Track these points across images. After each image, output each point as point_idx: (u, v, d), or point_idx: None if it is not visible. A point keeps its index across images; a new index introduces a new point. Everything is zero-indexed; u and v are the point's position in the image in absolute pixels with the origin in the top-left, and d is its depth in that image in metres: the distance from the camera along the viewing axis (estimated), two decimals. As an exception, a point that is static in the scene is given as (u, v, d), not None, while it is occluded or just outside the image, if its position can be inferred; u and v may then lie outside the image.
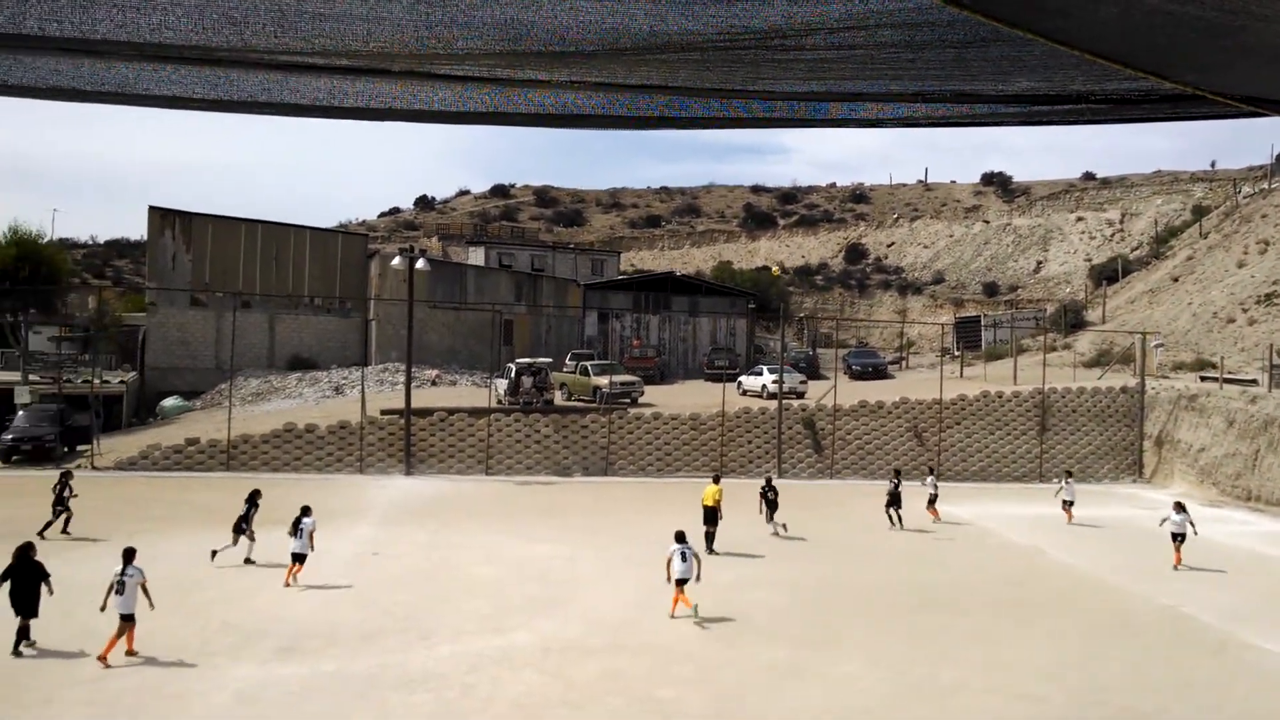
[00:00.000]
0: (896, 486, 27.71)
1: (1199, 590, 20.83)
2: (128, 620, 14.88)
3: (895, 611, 18.86)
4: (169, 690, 13.54)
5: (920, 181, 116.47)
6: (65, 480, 23.97)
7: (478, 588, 19.64)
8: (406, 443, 35.46)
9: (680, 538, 17.94)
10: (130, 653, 14.97)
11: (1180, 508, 23.51)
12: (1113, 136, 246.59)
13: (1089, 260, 75.45)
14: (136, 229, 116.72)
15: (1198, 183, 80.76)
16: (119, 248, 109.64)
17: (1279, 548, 25.39)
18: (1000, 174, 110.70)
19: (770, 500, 26.43)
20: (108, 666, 14.35)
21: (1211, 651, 16.87)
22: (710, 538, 23.35)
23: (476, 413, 37.08)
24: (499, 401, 38.76)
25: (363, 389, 38.85)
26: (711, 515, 23.57)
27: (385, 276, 50.22)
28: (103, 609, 14.90)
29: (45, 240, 50.04)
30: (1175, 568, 22.78)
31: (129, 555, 15.47)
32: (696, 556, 17.92)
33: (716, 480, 24.86)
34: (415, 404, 36.34)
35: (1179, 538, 23.04)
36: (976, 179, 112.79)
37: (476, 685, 14.15)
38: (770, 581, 20.90)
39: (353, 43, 4.32)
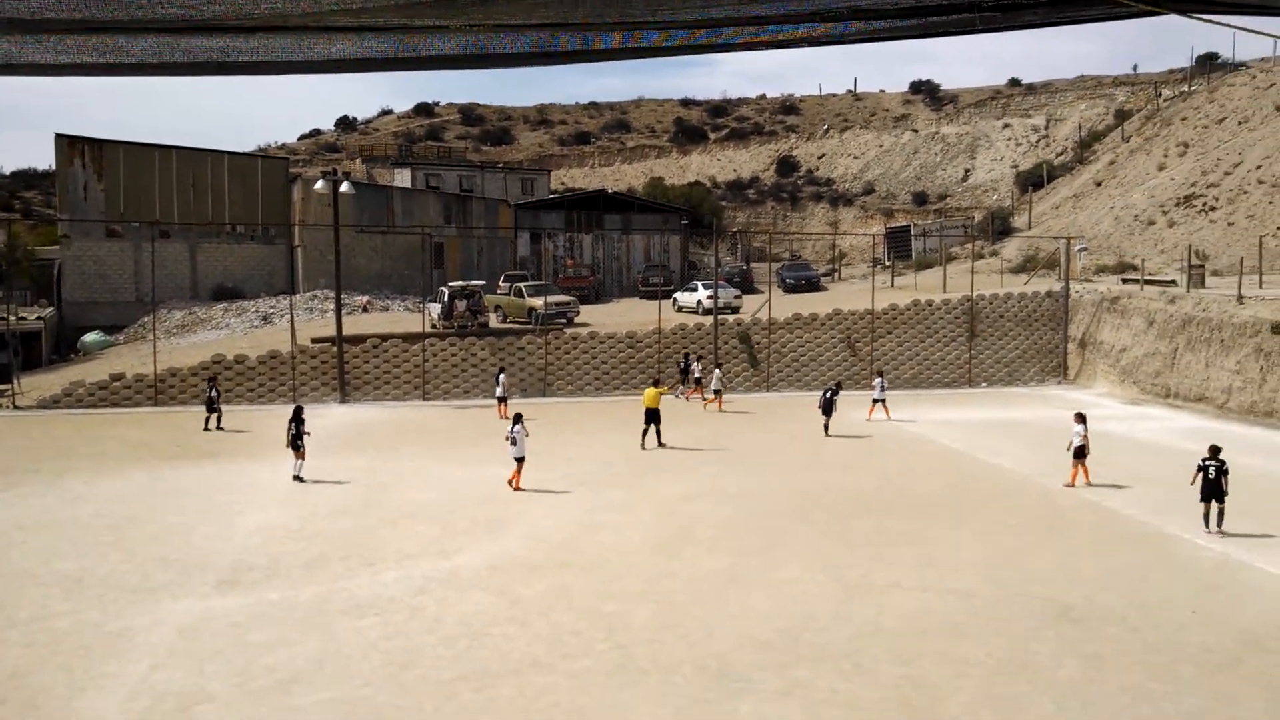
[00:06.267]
0: (832, 396, 28.48)
1: (1119, 485, 21.66)
2: (520, 461, 21.11)
3: (832, 517, 19.34)
4: (110, 628, 13.40)
5: (849, 91, 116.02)
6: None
7: (421, 512, 19.65)
8: (340, 371, 35.00)
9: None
10: (518, 489, 20.97)
11: (1081, 419, 21.76)
12: (1037, 42, 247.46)
13: (1015, 167, 76.36)
14: (43, 158, 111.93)
15: (1120, 86, 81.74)
16: (26, 178, 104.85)
17: (1195, 442, 26.38)
18: (928, 82, 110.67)
19: (829, 402, 28.20)
20: (517, 490, 20.95)
21: (1133, 542, 17.62)
22: (658, 434, 26.21)
23: (410, 338, 36.67)
24: (433, 326, 38.34)
25: (291, 318, 38.14)
26: (652, 415, 26.20)
27: (309, 201, 48.92)
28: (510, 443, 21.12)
29: (-55, 173, 47.65)
30: (1070, 485, 21.46)
31: (518, 418, 21.54)
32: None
33: (656, 384, 28.39)
34: (347, 331, 35.80)
35: (1081, 453, 21.51)
36: (905, 88, 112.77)
37: (424, 607, 14.25)
38: (712, 493, 21.25)
39: (244, 4, 4.17)
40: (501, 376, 32.67)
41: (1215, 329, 32.57)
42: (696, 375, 34.96)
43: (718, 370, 33.90)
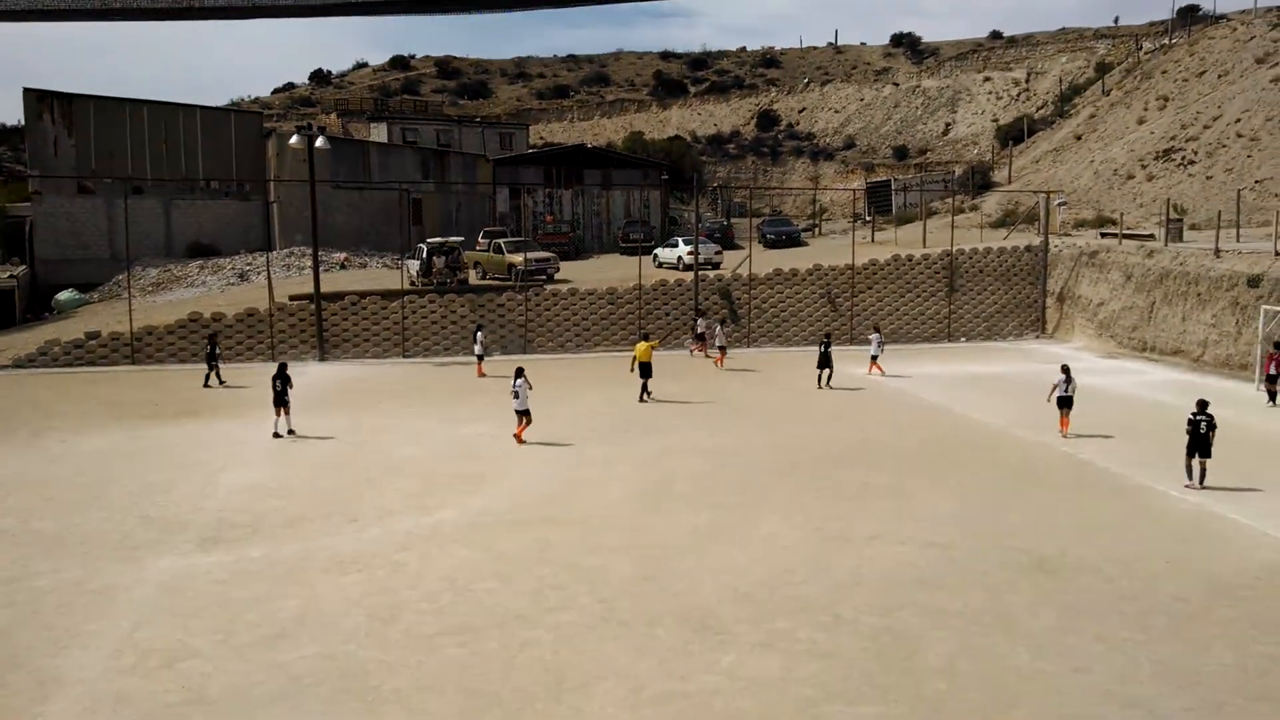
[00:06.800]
0: (826, 349, 28.65)
1: (1096, 438, 21.88)
2: (523, 414, 21.35)
3: (814, 471, 19.47)
4: (91, 586, 13.39)
5: (830, 44, 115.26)
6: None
7: (403, 469, 19.65)
8: (319, 328, 34.76)
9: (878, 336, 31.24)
10: (521, 441, 21.28)
11: (1065, 370, 22.25)
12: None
13: (996, 121, 76.08)
14: (12, 113, 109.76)
15: (1101, 39, 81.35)
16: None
17: (1171, 394, 26.69)
18: (909, 35, 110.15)
19: (824, 355, 28.41)
20: (521, 443, 21.27)
21: (1109, 495, 17.84)
22: (645, 389, 26.49)
23: (389, 295, 36.42)
24: (412, 283, 38.07)
25: (269, 275, 37.79)
26: (646, 369, 26.53)
27: (284, 156, 48.24)
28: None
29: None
30: (1063, 435, 21.86)
31: (520, 371, 21.77)
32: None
33: (646, 338, 27.98)
34: (325, 288, 35.50)
35: (1066, 403, 22.02)
36: (886, 40, 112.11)
37: (406, 563, 14.29)
38: (693, 448, 21.32)
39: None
40: (479, 334, 32.41)
41: (1192, 283, 32.78)
42: (700, 331, 35.20)
43: (720, 327, 34.13)
